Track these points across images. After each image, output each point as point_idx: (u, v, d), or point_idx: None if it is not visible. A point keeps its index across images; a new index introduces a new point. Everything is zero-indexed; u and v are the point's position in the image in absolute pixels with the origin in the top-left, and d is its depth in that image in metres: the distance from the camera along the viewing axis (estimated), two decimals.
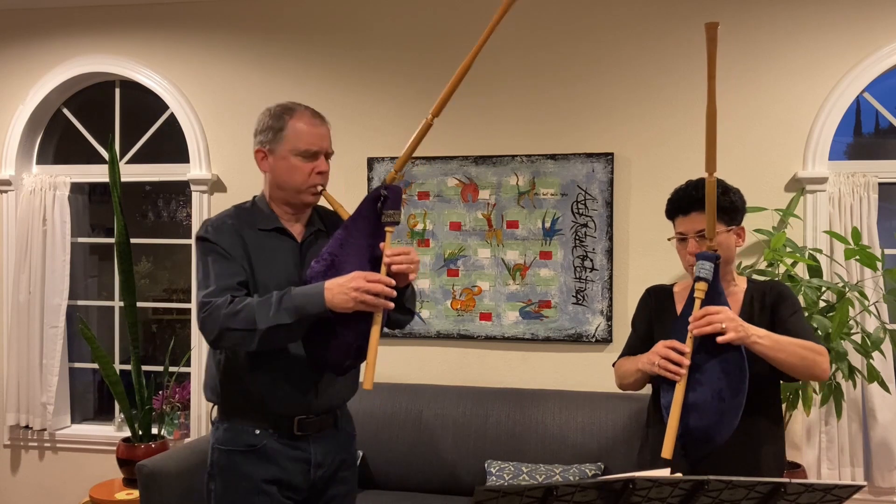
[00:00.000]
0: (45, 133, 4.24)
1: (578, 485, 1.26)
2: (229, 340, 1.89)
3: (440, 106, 1.94)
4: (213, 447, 2.08)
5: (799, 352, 1.92)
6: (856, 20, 3.34)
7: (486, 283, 3.64)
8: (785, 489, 1.33)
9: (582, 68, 3.58)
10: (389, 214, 1.93)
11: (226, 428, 2.05)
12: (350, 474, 2.17)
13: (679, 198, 2.10)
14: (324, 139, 2.04)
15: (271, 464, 2.01)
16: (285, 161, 2.01)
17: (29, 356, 4.01)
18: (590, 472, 3.12)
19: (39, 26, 4.08)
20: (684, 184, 2.13)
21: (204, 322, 1.90)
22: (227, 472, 2.03)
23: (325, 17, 3.81)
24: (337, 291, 1.84)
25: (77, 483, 4.01)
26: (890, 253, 3.34)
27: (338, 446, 2.12)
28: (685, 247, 2.07)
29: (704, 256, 1.92)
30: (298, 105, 2.07)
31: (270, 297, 1.87)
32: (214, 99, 3.92)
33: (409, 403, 3.46)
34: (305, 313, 1.85)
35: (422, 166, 3.68)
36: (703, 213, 1.97)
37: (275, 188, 2.06)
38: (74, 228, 4.13)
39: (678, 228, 2.10)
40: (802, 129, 3.39)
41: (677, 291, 2.23)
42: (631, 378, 2.11)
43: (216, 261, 1.96)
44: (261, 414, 2.02)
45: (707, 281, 1.91)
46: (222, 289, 1.91)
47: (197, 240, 2.02)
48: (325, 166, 2.04)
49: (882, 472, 3.29)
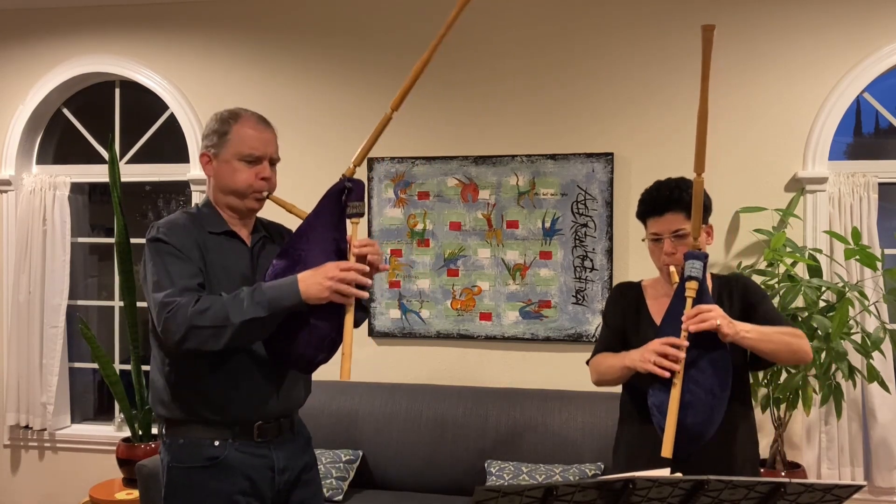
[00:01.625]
0: (45, 133, 4.24)
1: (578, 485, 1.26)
2: (196, 339, 1.82)
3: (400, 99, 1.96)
4: (168, 466, 1.97)
5: (784, 339, 1.97)
6: (856, 20, 3.34)
7: (486, 283, 3.64)
8: (785, 489, 1.33)
9: (582, 68, 3.58)
10: (354, 206, 1.93)
11: (181, 444, 1.96)
12: (313, 475, 2.14)
13: (652, 199, 2.10)
14: (268, 144, 2.03)
15: (235, 475, 1.95)
16: (228, 165, 2.00)
17: (29, 356, 4.01)
18: (590, 472, 3.12)
19: (39, 26, 4.08)
20: (653, 185, 2.14)
21: (167, 322, 1.83)
22: (188, 491, 1.95)
23: (325, 17, 3.82)
24: (311, 282, 1.82)
25: (77, 483, 4.01)
26: (890, 253, 3.34)
27: (298, 451, 2.09)
28: (659, 247, 2.07)
29: (694, 256, 1.94)
30: (245, 111, 2.07)
31: (240, 292, 1.85)
32: (214, 99, 3.92)
33: (409, 403, 3.46)
34: (279, 306, 1.82)
35: (422, 166, 3.68)
36: (678, 214, 2.03)
37: (219, 193, 2.03)
38: (74, 228, 4.13)
39: (652, 229, 2.09)
40: (802, 129, 3.39)
41: (646, 286, 2.24)
42: (614, 375, 2.11)
43: (173, 262, 1.91)
44: (219, 421, 1.95)
45: (698, 280, 1.93)
46: (183, 289, 1.86)
47: (149, 241, 1.95)
48: (268, 172, 2.02)
49: (882, 472, 3.29)
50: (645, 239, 2.15)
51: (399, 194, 3.71)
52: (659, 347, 1.92)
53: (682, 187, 2.06)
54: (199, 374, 1.94)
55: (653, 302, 2.18)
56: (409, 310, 3.72)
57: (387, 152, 3.71)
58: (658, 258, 2.10)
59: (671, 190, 2.06)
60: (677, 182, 2.09)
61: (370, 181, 3.71)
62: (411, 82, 1.94)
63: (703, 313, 1.88)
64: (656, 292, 2.19)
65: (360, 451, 3.39)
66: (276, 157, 2.06)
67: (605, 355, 2.16)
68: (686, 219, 2.02)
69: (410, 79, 1.94)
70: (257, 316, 1.81)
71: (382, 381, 3.62)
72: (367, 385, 3.58)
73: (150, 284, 1.91)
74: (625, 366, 2.03)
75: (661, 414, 1.93)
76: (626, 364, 2.02)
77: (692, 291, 1.93)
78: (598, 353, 2.21)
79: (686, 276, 1.94)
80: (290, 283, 1.84)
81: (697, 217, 1.93)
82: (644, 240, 2.17)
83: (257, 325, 1.83)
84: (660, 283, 2.20)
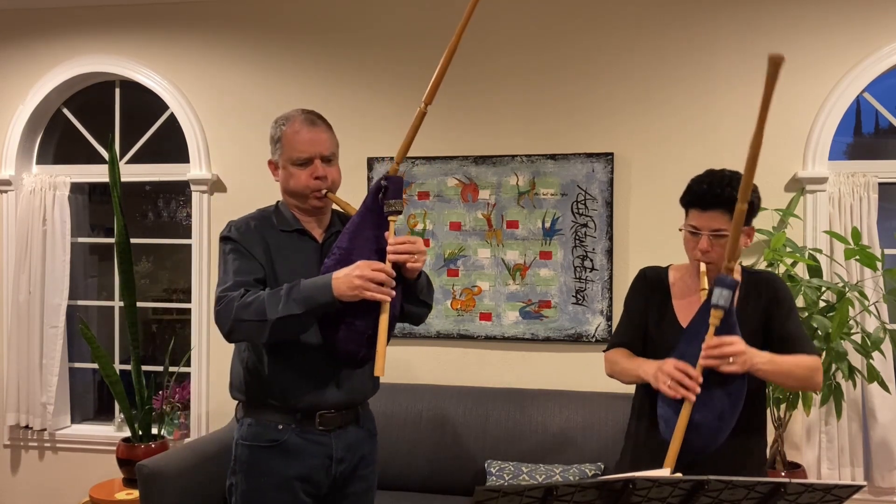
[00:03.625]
0: (45, 133, 4.24)
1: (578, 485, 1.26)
2: (241, 332, 1.93)
3: (432, 92, 1.93)
4: (236, 443, 2.12)
5: (796, 372, 1.94)
6: (856, 20, 3.34)
7: (486, 283, 3.64)
8: (785, 489, 1.33)
9: (582, 68, 3.58)
10: (391, 204, 1.96)
11: (249, 424, 2.09)
12: (369, 472, 2.20)
13: (702, 192, 2.00)
14: (316, 144, 2.06)
15: (293, 459, 2.04)
16: (286, 170, 2.08)
17: (29, 356, 4.01)
18: (590, 472, 3.12)
19: (39, 26, 4.08)
20: (705, 175, 2.04)
21: (219, 314, 1.95)
22: (250, 467, 2.07)
23: (325, 16, 3.82)
24: (342, 281, 1.88)
25: (77, 483, 4.01)
26: (890, 253, 3.34)
27: (359, 442, 2.15)
28: (696, 241, 2.01)
29: (725, 284, 1.81)
30: (295, 112, 2.12)
31: (280, 289, 1.92)
32: (214, 99, 3.92)
33: (409, 403, 3.46)
34: (314, 303, 1.89)
35: (422, 166, 3.68)
36: (723, 213, 1.95)
37: (286, 196, 2.14)
38: (74, 228, 4.13)
39: (693, 222, 2.02)
40: (802, 129, 3.39)
41: (673, 276, 2.17)
42: (628, 378, 2.09)
43: (235, 258, 2.02)
44: (283, 409, 2.05)
45: (724, 309, 1.82)
46: (238, 284, 1.97)
47: (220, 239, 2.08)
48: (321, 171, 2.05)
49: (882, 472, 3.29)
50: (682, 228, 2.07)
51: None
52: (674, 373, 1.85)
53: (733, 185, 1.95)
54: (267, 363, 2.04)
55: (678, 297, 2.12)
56: None
57: (387, 152, 3.71)
58: (692, 250, 2.04)
59: (722, 187, 1.97)
60: (730, 178, 1.99)
61: (370, 181, 3.71)
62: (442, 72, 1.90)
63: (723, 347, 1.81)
64: (684, 285, 2.13)
65: None
66: (328, 153, 2.08)
67: (621, 354, 2.12)
68: (729, 220, 1.91)
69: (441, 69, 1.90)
70: (292, 313, 1.88)
71: (383, 382, 3.60)
72: None
73: (218, 280, 2.05)
74: (639, 376, 2.01)
75: (668, 427, 1.89)
76: (640, 375, 1.99)
77: (716, 320, 1.83)
78: (615, 347, 2.16)
79: (713, 303, 1.82)
80: (324, 281, 1.90)
81: (734, 242, 1.77)
82: (681, 229, 2.08)
83: (293, 321, 1.90)
84: (688, 273, 2.14)
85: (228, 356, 2.24)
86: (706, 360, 1.83)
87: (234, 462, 2.12)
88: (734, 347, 1.82)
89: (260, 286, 1.99)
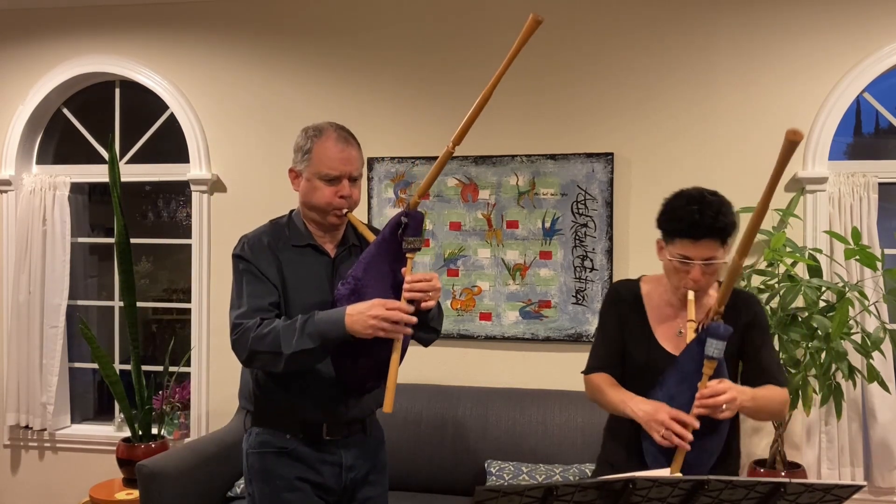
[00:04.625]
0: (45, 133, 4.24)
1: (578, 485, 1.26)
2: (258, 362, 1.96)
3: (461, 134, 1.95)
4: (246, 453, 2.13)
5: (771, 406, 1.98)
6: (856, 20, 3.34)
7: (486, 283, 3.64)
8: (785, 489, 1.33)
9: (582, 68, 3.58)
10: (410, 241, 1.94)
11: (258, 433, 2.10)
12: (381, 477, 2.22)
13: (693, 221, 1.88)
14: (347, 163, 2.05)
15: (304, 463, 2.07)
16: (310, 183, 2.05)
17: (29, 356, 4.01)
18: (590, 472, 3.11)
19: (39, 26, 4.08)
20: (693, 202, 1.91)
21: (235, 343, 1.97)
22: (262, 472, 2.08)
23: (325, 17, 3.81)
24: (357, 318, 1.88)
25: (77, 483, 4.01)
26: (890, 253, 3.34)
27: (368, 451, 2.17)
28: (684, 269, 1.91)
29: (717, 335, 1.79)
30: (330, 126, 2.09)
31: (295, 321, 1.92)
32: (214, 99, 3.92)
33: (409, 403, 3.46)
34: (328, 338, 1.90)
35: (422, 166, 3.68)
36: (715, 241, 1.89)
37: (304, 207, 2.11)
38: (74, 228, 4.13)
39: (682, 251, 1.90)
40: (802, 128, 3.36)
41: (646, 290, 2.11)
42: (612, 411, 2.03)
43: (250, 281, 2.01)
44: (291, 422, 2.07)
45: (718, 360, 1.83)
46: (254, 310, 1.97)
47: (234, 257, 2.07)
48: (347, 190, 2.04)
49: (882, 472, 3.29)
50: (663, 249, 1.98)
51: (399, 194, 3.71)
52: (671, 424, 1.83)
53: (725, 213, 1.90)
54: (276, 378, 2.05)
55: (657, 320, 2.07)
56: None
57: (387, 152, 3.71)
58: (679, 279, 1.94)
59: (715, 216, 1.88)
60: (719, 206, 1.90)
61: (370, 181, 3.71)
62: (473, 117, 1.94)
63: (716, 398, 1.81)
64: (659, 301, 2.08)
65: None
66: (356, 174, 2.08)
67: (605, 382, 2.05)
68: (720, 247, 1.89)
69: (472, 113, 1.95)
70: (306, 347, 1.89)
71: None
72: None
73: (231, 300, 2.06)
74: (626, 413, 1.94)
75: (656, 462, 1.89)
76: (628, 413, 1.93)
77: (709, 370, 1.83)
78: (595, 371, 2.10)
79: (707, 355, 1.81)
80: (338, 317, 1.90)
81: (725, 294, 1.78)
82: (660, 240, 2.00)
83: (307, 354, 1.91)
84: (662, 287, 2.08)
85: (228, 356, 2.24)
86: (700, 409, 1.84)
87: (246, 472, 2.14)
88: (728, 395, 1.82)
89: (275, 310, 2.00)
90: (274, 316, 1.99)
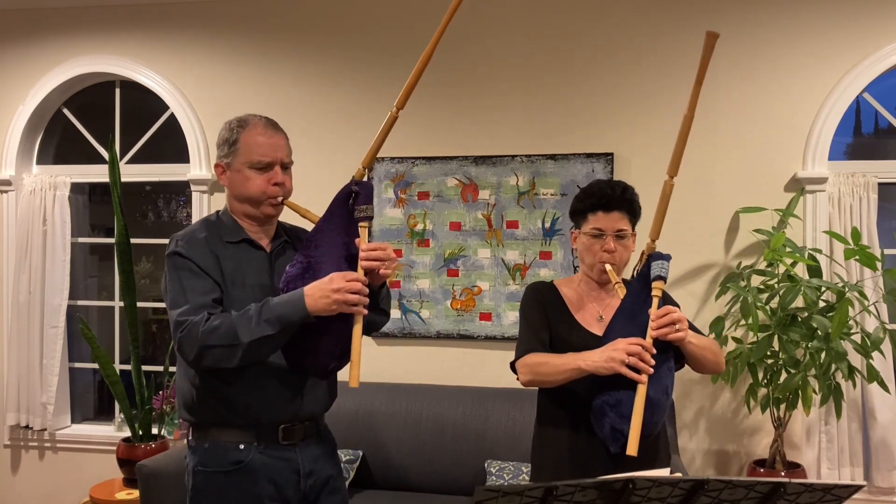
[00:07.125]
0: (46, 133, 4.24)
1: (578, 485, 1.26)
2: (210, 358, 1.84)
3: (405, 97, 1.95)
4: (192, 471, 1.98)
5: (713, 348, 2.04)
6: (856, 20, 3.34)
7: (486, 283, 3.64)
8: (784, 489, 1.33)
9: (582, 69, 3.58)
10: (363, 209, 1.91)
11: (206, 448, 1.96)
12: (340, 484, 2.13)
13: (605, 195, 2.06)
14: (277, 149, 2.00)
15: (260, 480, 1.94)
16: (240, 174, 1.98)
17: (29, 356, 4.01)
18: None
19: (39, 26, 4.08)
20: (601, 182, 2.13)
21: (182, 341, 1.86)
22: (213, 495, 1.95)
23: (325, 17, 3.82)
24: (318, 296, 1.82)
25: (77, 483, 4.01)
26: (890, 253, 3.34)
27: (325, 456, 2.09)
28: (599, 243, 2.05)
29: (661, 257, 1.97)
30: (253, 117, 2.04)
31: (249, 309, 1.85)
32: (214, 99, 3.92)
33: (409, 403, 3.46)
34: (288, 321, 1.83)
35: (422, 166, 3.68)
36: (624, 214, 2.06)
37: (235, 201, 2.04)
38: (74, 228, 4.13)
39: (596, 224, 2.05)
40: (802, 129, 3.39)
41: (561, 289, 2.16)
42: (560, 377, 1.97)
43: (188, 277, 1.92)
44: (245, 424, 1.96)
45: (664, 279, 1.94)
46: (198, 306, 1.88)
47: (168, 255, 1.97)
48: (281, 177, 1.99)
49: (882, 472, 3.29)
50: (577, 232, 2.12)
51: (399, 194, 3.71)
52: (629, 348, 1.84)
53: (631, 191, 2.10)
54: (223, 379, 1.93)
55: (572, 305, 2.12)
56: (409, 310, 3.72)
57: (387, 152, 3.70)
58: (595, 254, 2.06)
59: (623, 190, 2.08)
60: (626, 185, 2.11)
61: (370, 181, 3.71)
62: (414, 80, 1.93)
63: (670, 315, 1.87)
64: (576, 295, 2.14)
65: (360, 451, 3.39)
66: (287, 161, 2.03)
67: (544, 355, 2.01)
68: (628, 222, 2.06)
69: (413, 76, 1.93)
70: (266, 334, 1.82)
71: (382, 382, 3.62)
72: (367, 385, 3.57)
73: (168, 300, 1.93)
74: (578, 368, 1.90)
75: (617, 414, 1.88)
76: (581, 367, 1.89)
77: (658, 291, 1.93)
78: (529, 353, 2.06)
79: (654, 275, 1.95)
80: (296, 298, 1.83)
81: (660, 219, 1.98)
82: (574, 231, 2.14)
83: (267, 341, 1.84)
84: (575, 283, 2.16)
85: None
86: (657, 329, 1.88)
87: (191, 492, 1.97)
88: (679, 314, 1.90)
89: (219, 306, 1.91)
90: (219, 311, 1.89)
